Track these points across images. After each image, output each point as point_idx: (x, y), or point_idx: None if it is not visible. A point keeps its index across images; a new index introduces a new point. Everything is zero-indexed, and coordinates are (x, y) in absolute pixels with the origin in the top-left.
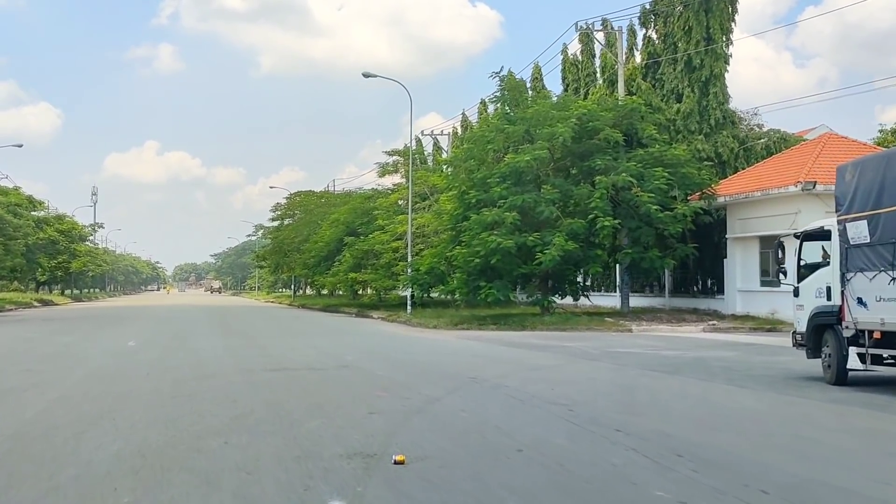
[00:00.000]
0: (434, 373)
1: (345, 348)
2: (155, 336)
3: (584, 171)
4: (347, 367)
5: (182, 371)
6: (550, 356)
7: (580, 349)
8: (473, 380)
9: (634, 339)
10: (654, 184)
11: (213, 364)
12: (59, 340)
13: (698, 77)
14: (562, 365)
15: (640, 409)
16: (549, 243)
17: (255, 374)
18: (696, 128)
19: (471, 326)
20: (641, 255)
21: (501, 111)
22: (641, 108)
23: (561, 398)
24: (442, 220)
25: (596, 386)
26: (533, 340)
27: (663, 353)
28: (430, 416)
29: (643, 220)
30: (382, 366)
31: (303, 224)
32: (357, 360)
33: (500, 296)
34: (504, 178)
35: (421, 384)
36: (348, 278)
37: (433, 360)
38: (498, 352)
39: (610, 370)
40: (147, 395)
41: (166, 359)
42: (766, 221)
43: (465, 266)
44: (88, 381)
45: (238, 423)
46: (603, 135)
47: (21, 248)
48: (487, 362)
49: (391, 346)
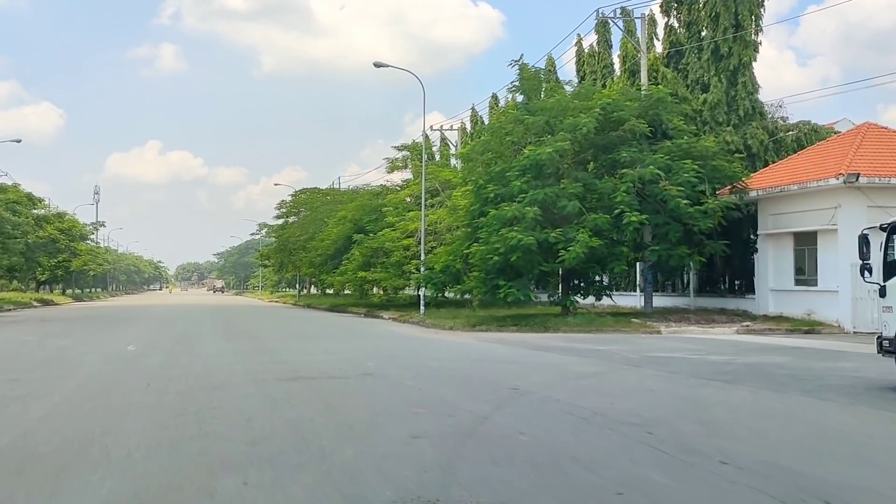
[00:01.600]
0: (469, 382)
1: (362, 352)
2: (157, 339)
3: (607, 163)
4: (370, 375)
5: (187, 381)
6: (588, 362)
7: (616, 353)
8: (516, 391)
9: (668, 342)
10: (682, 177)
11: (222, 372)
12: (55, 344)
13: (726, 66)
14: (606, 373)
15: (729, 431)
16: (572, 240)
17: (270, 384)
18: (723, 119)
19: (489, 328)
20: (669, 253)
21: (516, 102)
22: (667, 99)
23: (628, 415)
24: (457, 216)
25: (659, 400)
26: (560, 343)
27: (709, 358)
28: (486, 441)
29: (670, 216)
30: (408, 374)
31: (308, 222)
32: (379, 366)
33: (521, 295)
34: (524, 172)
35: (459, 397)
36: (357, 277)
37: (462, 366)
38: (528, 357)
39: (663, 379)
40: (147, 413)
41: (169, 366)
42: (801, 217)
43: (482, 264)
44: (81, 394)
45: (256, 451)
46: (628, 126)
47: (20, 246)
48: (522, 369)
49: (411, 349)
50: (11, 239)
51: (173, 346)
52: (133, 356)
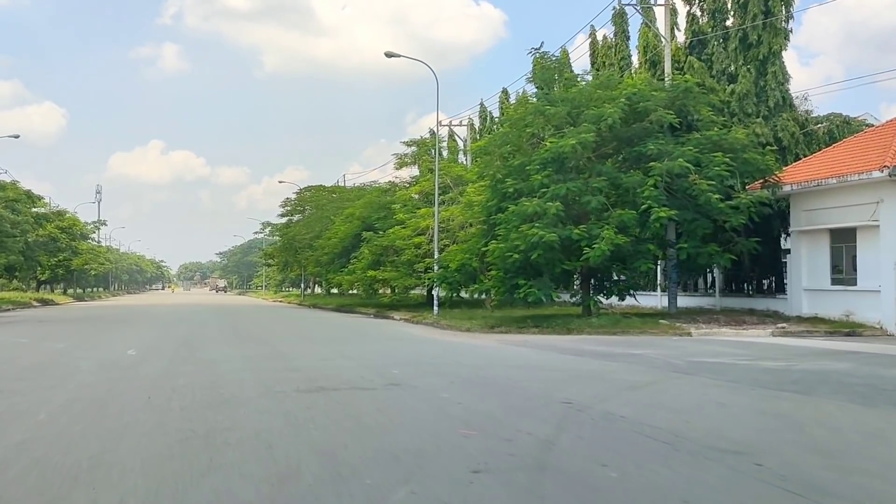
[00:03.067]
0: (511, 394)
1: (382, 357)
2: (159, 342)
3: (631, 157)
4: (398, 385)
5: (193, 393)
6: (632, 369)
7: (657, 359)
8: (570, 406)
9: (704, 346)
10: (713, 170)
11: (232, 382)
12: (49, 347)
13: (755, 55)
14: (659, 382)
15: (850, 461)
16: (596, 237)
17: (288, 397)
18: (752, 110)
19: (509, 329)
20: (698, 250)
21: (527, 95)
22: (695, 89)
23: (717, 439)
24: (473, 213)
25: (739, 417)
26: (589, 346)
27: (762, 364)
28: (565, 478)
29: (699, 211)
30: (440, 383)
31: (314, 220)
32: (405, 374)
33: (542, 295)
34: (544, 165)
35: (508, 414)
36: (367, 277)
37: (496, 374)
38: (563, 362)
39: (727, 391)
40: (147, 437)
41: (172, 374)
42: (839, 212)
43: (501, 262)
44: (71, 410)
45: (284, 493)
46: (655, 116)
47: (19, 245)
48: (564, 377)
49: (433, 354)
50: (10, 237)
51: (176, 351)
52: (133, 362)
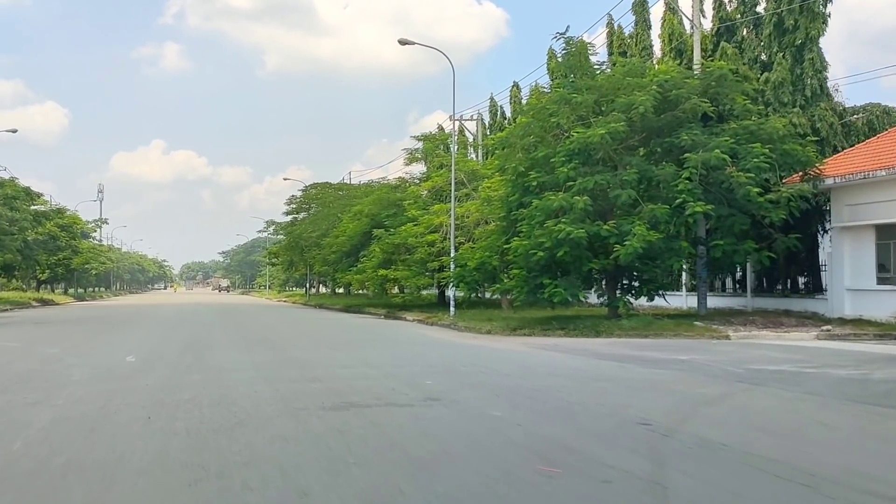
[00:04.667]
0: (573, 412)
1: (408, 364)
2: (161, 346)
3: (663, 148)
4: (438, 400)
5: (201, 412)
6: (691, 378)
7: (709, 365)
8: (651, 429)
9: (752, 350)
10: (751, 162)
11: (245, 396)
12: (42, 352)
13: (791, 41)
14: (732, 395)
15: None
16: (626, 233)
17: (313, 416)
18: (788, 99)
19: (533, 332)
20: (734, 248)
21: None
22: (729, 76)
23: (865, 480)
24: (492, 208)
25: (861, 444)
26: (627, 351)
27: (832, 372)
28: None
29: (734, 206)
30: (484, 397)
31: (321, 218)
32: (441, 385)
33: (568, 295)
34: (570, 157)
35: (582, 440)
36: (377, 276)
37: (543, 385)
38: (609, 370)
39: (815, 406)
40: (144, 479)
41: (176, 386)
42: (885, 207)
43: (524, 261)
44: (53, 436)
45: None
46: (689, 105)
47: (17, 243)
48: (620, 389)
49: (462, 360)
50: (7, 235)
51: (181, 357)
52: (132, 370)
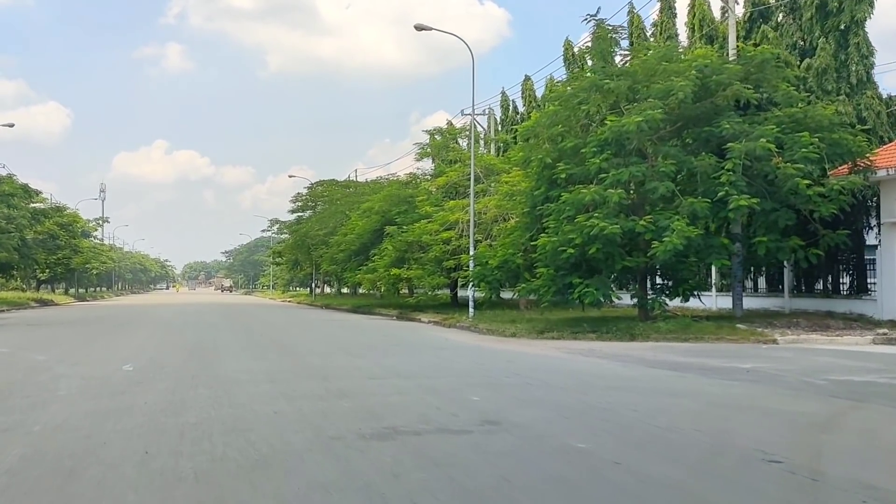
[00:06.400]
0: (672, 442)
1: (442, 374)
2: (163, 352)
3: (700, 138)
4: (498, 424)
5: (212, 443)
6: (774, 392)
7: (782, 375)
8: (783, 467)
9: (814, 356)
10: (798, 152)
11: (264, 419)
12: (29, 360)
13: (834, 24)
14: (842, 416)
15: None
16: (664, 229)
17: (353, 449)
18: (832, 87)
19: (562, 335)
20: (778, 245)
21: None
22: (772, 61)
23: None
24: (515, 202)
25: None
26: (676, 357)
27: None
28: None
29: (777, 199)
30: (551, 419)
31: (328, 215)
32: (491, 403)
33: (601, 296)
34: (602, 147)
35: (711, 488)
36: (390, 275)
37: (609, 403)
38: (670, 381)
39: None
40: None
41: (180, 405)
42: None
43: (552, 259)
44: (18, 485)
45: None
46: (730, 91)
47: (14, 242)
48: (705, 408)
49: (500, 368)
50: (4, 234)
51: (184, 365)
52: (128, 383)
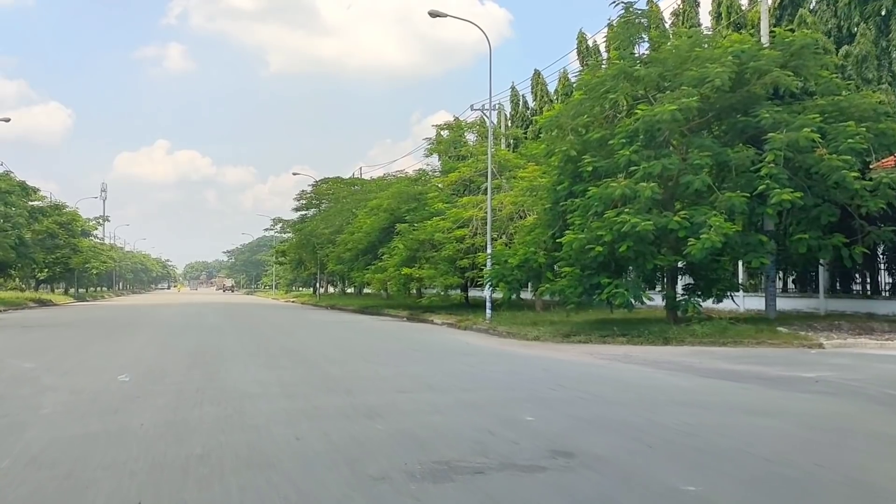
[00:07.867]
0: (803, 485)
1: (479, 387)
2: (164, 359)
3: (736, 128)
4: (573, 456)
5: (223, 485)
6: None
7: (855, 386)
8: None
9: (873, 363)
10: (844, 143)
11: (286, 449)
12: (15, 368)
13: (874, 10)
14: None
15: None
16: (700, 225)
17: (403, 494)
18: (873, 76)
19: (590, 338)
20: (820, 242)
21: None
22: (811, 46)
23: None
24: (536, 197)
25: None
26: (725, 364)
27: None
28: None
29: (818, 194)
30: (633, 449)
31: (333, 214)
32: (550, 425)
33: (631, 297)
34: (631, 139)
35: None
36: (401, 274)
37: (688, 424)
38: (739, 395)
39: None
40: None
41: (183, 429)
42: None
43: (577, 257)
44: None
45: None
46: (769, 78)
47: (11, 240)
48: (807, 433)
49: (539, 378)
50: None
51: (188, 375)
52: (123, 399)
